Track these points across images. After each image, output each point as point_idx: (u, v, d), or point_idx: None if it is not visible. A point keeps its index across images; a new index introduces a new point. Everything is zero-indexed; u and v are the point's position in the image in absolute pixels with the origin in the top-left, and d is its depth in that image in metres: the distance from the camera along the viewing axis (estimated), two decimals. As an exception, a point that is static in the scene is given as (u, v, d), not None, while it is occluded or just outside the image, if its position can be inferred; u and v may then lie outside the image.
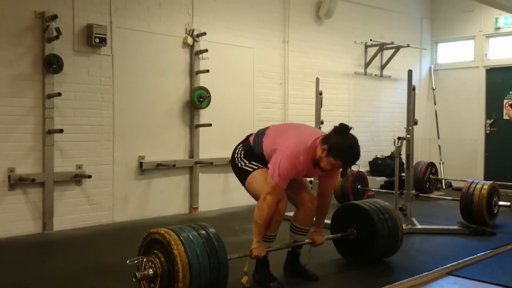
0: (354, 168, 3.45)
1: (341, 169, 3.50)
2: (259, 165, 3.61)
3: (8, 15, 5.14)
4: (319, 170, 3.54)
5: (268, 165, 3.46)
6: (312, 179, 6.28)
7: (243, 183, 3.67)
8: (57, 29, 5.25)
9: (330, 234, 4.26)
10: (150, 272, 3.02)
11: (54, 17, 5.27)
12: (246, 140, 3.79)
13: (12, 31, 5.17)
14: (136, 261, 3.11)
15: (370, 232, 4.07)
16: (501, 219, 5.97)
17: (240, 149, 3.74)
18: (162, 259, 3.01)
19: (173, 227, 3.14)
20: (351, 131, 3.44)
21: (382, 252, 4.19)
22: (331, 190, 3.88)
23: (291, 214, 3.86)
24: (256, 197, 3.56)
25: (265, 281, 3.60)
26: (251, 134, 3.81)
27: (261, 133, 3.68)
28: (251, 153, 3.67)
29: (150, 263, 3.04)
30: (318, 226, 3.87)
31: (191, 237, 3.04)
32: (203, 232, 3.14)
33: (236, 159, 3.72)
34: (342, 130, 3.41)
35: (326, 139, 3.40)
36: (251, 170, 3.60)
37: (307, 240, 3.85)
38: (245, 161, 3.66)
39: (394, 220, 4.21)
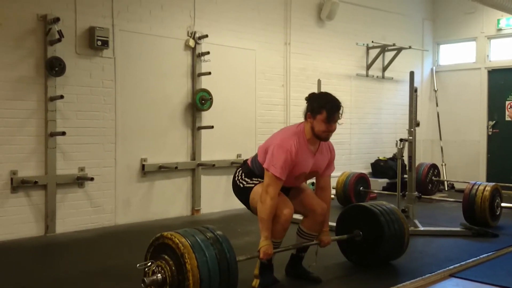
0: (341, 111, 3.54)
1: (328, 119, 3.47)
2: (260, 180, 3.61)
3: (11, 18, 5.16)
4: (321, 160, 3.62)
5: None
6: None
7: (247, 203, 3.67)
8: (59, 32, 5.26)
9: (336, 235, 4.22)
10: (158, 277, 2.97)
11: (56, 20, 5.28)
12: (244, 164, 3.83)
13: (15, 34, 5.19)
14: (146, 268, 3.05)
15: (376, 234, 4.04)
16: (503, 221, 5.96)
17: (240, 172, 3.77)
18: (173, 268, 2.95)
19: (185, 233, 3.06)
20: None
21: (388, 254, 4.17)
22: (329, 183, 3.86)
23: (299, 217, 3.85)
24: None
25: (269, 284, 3.59)
26: (247, 159, 3.84)
27: (255, 155, 3.74)
28: (251, 173, 3.70)
29: (159, 268, 3.00)
30: (324, 226, 3.84)
31: (204, 249, 2.97)
32: (215, 240, 3.07)
33: (237, 181, 3.74)
34: (311, 94, 3.66)
35: (305, 111, 3.59)
36: (252, 185, 3.63)
37: (314, 241, 3.83)
38: (246, 179, 3.69)
39: (400, 222, 4.18)
